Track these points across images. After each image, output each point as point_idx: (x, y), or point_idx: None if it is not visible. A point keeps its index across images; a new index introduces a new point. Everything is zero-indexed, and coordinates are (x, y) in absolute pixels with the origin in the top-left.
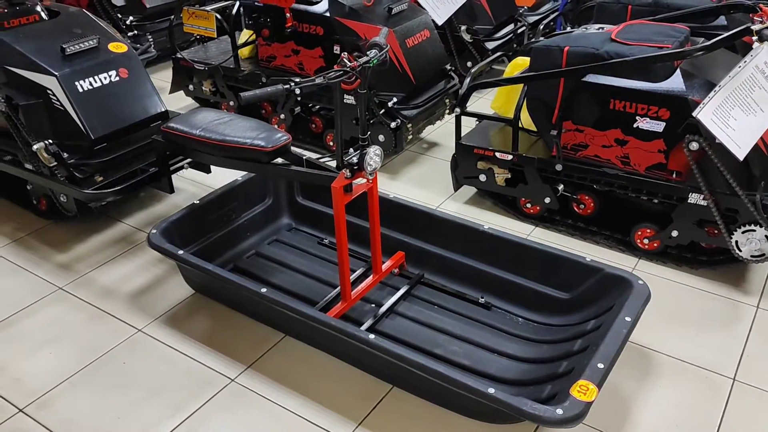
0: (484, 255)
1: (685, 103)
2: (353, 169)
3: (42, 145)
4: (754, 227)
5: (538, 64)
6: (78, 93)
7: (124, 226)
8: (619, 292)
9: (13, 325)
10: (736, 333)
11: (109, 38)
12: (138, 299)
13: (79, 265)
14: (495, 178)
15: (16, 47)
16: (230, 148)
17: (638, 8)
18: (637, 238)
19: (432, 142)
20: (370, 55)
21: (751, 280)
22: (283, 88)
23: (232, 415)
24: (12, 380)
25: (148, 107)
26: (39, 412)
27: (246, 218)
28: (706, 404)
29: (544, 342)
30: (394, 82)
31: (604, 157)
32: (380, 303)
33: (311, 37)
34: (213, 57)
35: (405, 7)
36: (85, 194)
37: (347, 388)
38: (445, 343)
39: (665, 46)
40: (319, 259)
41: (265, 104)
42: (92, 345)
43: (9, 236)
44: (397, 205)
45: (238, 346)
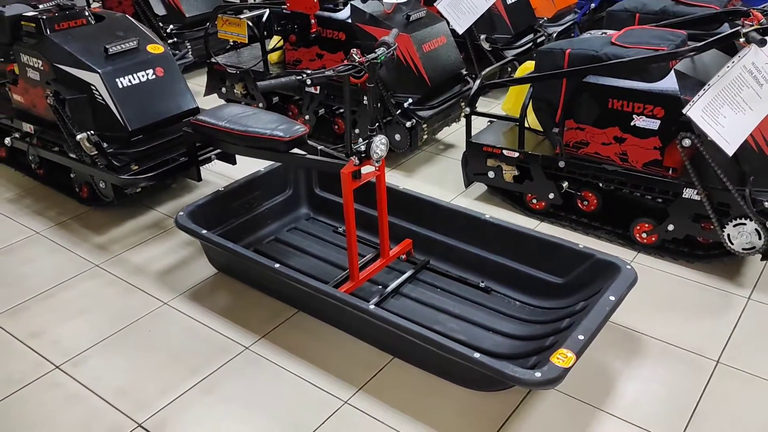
0: (486, 243)
1: (678, 102)
2: (361, 156)
3: (85, 136)
4: (744, 221)
5: (542, 65)
6: (118, 89)
7: (156, 213)
8: (609, 276)
9: (53, 296)
10: (725, 320)
11: (147, 40)
12: (165, 277)
13: (115, 246)
14: (503, 174)
15: (64, 47)
16: (252, 138)
17: (645, 16)
18: (636, 232)
19: (448, 144)
20: (377, 53)
21: (744, 273)
22: (296, 79)
23: (243, 378)
24: (50, 342)
25: (181, 103)
26: (73, 368)
27: (267, 207)
28: (688, 382)
29: (537, 322)
30: (410, 84)
31: (603, 154)
32: (387, 285)
33: (334, 42)
34: (244, 62)
35: (423, 14)
36: (121, 179)
37: (351, 357)
38: (445, 321)
39: (661, 49)
40: (333, 245)
41: (291, 106)
42: (122, 315)
43: (53, 220)
44: (406, 196)
45: (253, 319)
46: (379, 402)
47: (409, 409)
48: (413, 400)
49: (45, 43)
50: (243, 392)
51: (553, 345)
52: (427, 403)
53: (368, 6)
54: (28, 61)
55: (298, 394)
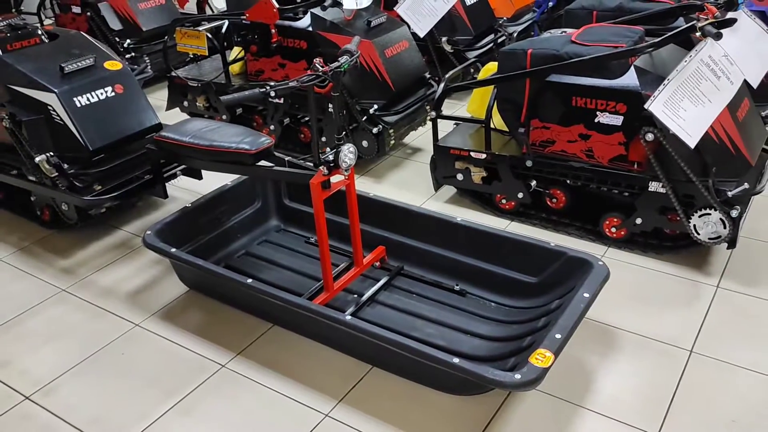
0: (459, 246)
1: (639, 97)
2: (330, 166)
3: (44, 158)
4: (709, 211)
5: (504, 66)
6: (76, 108)
7: (122, 233)
8: (582, 273)
9: (19, 324)
10: (696, 310)
11: (104, 57)
12: (135, 298)
13: (81, 269)
14: (471, 176)
15: (18, 67)
16: (218, 152)
17: (603, 13)
18: (606, 227)
19: (415, 148)
20: (341, 61)
21: (712, 262)
22: (260, 92)
23: (221, 397)
24: (18, 372)
25: (143, 120)
26: (44, 398)
27: (236, 220)
28: (664, 374)
29: (513, 323)
30: (375, 90)
31: (570, 151)
32: (362, 293)
33: (296, 50)
34: (206, 74)
35: (384, 20)
36: (84, 201)
37: (329, 369)
38: (422, 326)
39: (620, 46)
40: (305, 256)
41: (256, 117)
42: (93, 339)
43: (15, 245)
44: (377, 203)
45: (228, 336)
46: (360, 413)
47: (391, 418)
48: (395, 409)
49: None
50: (222, 411)
51: (531, 345)
52: (409, 411)
53: (328, 13)
54: None
55: (278, 409)
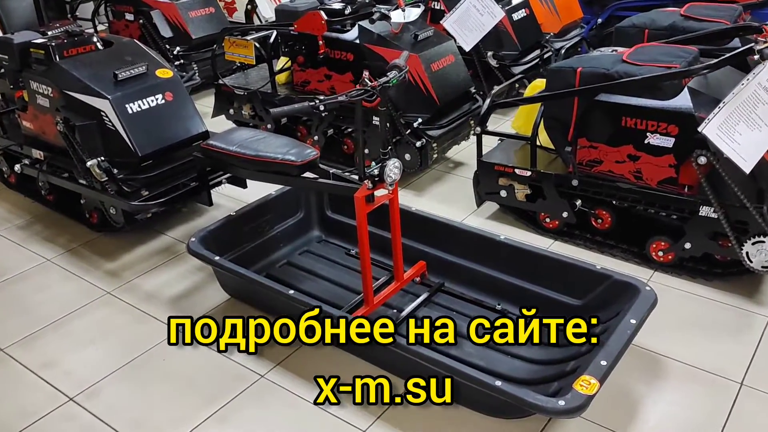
0: (501, 264)
1: (693, 120)
2: (374, 180)
3: (95, 162)
4: (763, 239)
5: (553, 84)
6: (128, 114)
7: (167, 238)
8: (628, 298)
9: (66, 324)
10: (747, 341)
11: (156, 65)
12: (177, 303)
13: (126, 273)
14: (515, 193)
15: (74, 73)
16: (263, 162)
17: (655, 32)
18: (652, 250)
19: (458, 162)
20: (389, 76)
21: (764, 291)
22: (309, 105)
23: (260, 407)
24: (63, 373)
25: (191, 128)
26: (87, 400)
27: (279, 230)
28: (712, 406)
29: (554, 345)
30: (420, 104)
31: (617, 172)
32: (401, 308)
33: (342, 62)
34: (252, 83)
35: (430, 33)
36: (131, 206)
37: (368, 385)
38: (462, 345)
39: (673, 66)
40: (346, 268)
41: (300, 127)
42: (135, 343)
43: (63, 246)
44: (419, 217)
45: (268, 346)
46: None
47: None
48: (432, 428)
49: (54, 70)
50: (259, 422)
51: (575, 370)
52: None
53: (376, 26)
54: (38, 88)
55: (316, 423)
